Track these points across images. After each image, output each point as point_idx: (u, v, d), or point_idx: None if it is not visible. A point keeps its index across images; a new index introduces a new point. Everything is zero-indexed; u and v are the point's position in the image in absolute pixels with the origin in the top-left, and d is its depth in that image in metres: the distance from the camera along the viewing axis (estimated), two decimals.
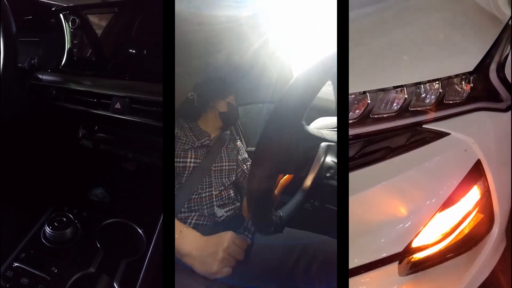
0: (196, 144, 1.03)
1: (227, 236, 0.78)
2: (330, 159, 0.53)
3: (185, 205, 0.93)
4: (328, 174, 0.52)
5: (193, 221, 0.91)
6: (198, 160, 1.00)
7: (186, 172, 0.96)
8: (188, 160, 0.98)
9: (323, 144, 0.54)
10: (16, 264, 0.73)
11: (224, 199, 1.02)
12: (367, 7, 0.72)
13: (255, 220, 0.53)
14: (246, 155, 1.23)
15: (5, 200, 0.85)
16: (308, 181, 0.53)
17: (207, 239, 0.78)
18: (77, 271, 0.73)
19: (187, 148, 1.00)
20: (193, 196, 0.94)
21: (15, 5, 0.79)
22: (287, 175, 0.67)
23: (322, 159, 0.52)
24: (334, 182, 0.52)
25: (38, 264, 0.73)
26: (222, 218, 0.95)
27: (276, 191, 0.66)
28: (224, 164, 1.09)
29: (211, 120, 1.14)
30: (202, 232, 0.83)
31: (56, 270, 0.72)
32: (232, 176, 1.11)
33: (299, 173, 0.55)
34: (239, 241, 0.79)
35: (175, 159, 0.96)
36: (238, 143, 1.25)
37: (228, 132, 1.23)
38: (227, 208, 1.00)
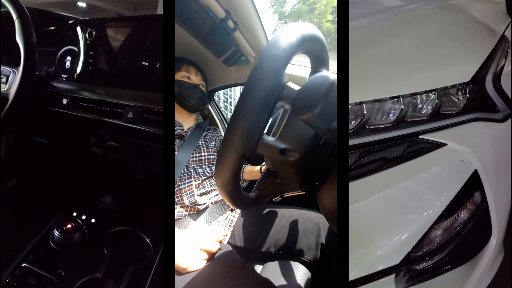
0: None
1: (198, 232, 0.76)
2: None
3: None
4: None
5: (175, 213, 0.87)
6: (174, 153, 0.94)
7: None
8: None
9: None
10: (24, 265, 0.72)
11: (206, 187, 0.95)
12: (363, 18, 0.70)
13: (227, 198, 0.48)
14: None
15: (17, 202, 0.84)
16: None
17: (178, 235, 0.74)
18: (84, 275, 0.72)
19: None
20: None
21: (36, 17, 0.82)
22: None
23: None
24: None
25: (45, 265, 0.73)
26: (205, 206, 0.90)
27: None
28: (203, 154, 1.01)
29: (178, 108, 1.04)
30: (186, 223, 0.82)
31: (63, 273, 0.72)
32: (212, 166, 1.03)
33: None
34: (213, 234, 0.77)
35: None
36: (216, 132, 1.15)
37: (208, 122, 1.14)
38: (211, 195, 0.94)
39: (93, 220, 0.86)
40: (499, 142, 0.59)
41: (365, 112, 0.56)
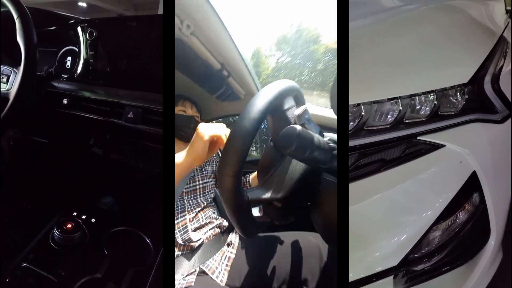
0: None
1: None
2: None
3: None
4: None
5: None
6: None
7: None
8: None
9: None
10: (24, 264, 0.72)
11: (200, 220, 0.90)
12: (362, 19, 0.69)
13: (236, 224, 0.51)
14: None
15: (17, 202, 0.83)
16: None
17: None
18: (84, 275, 0.72)
19: None
20: None
21: (37, 17, 0.82)
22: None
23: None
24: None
25: (45, 265, 0.72)
26: (199, 242, 0.84)
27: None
28: (197, 183, 0.96)
29: (176, 141, 1.03)
30: (179, 264, 0.78)
31: (63, 273, 0.71)
32: (209, 193, 1.00)
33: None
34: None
35: None
36: (211, 158, 1.11)
37: None
38: (205, 230, 0.89)
39: (93, 220, 0.86)
40: (497, 143, 0.59)
41: (363, 113, 0.56)
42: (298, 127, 0.47)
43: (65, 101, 0.93)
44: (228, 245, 0.90)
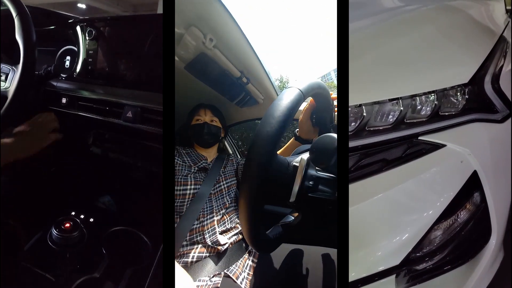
0: (193, 168, 0.97)
1: None
2: (311, 170, 0.51)
3: (187, 237, 0.86)
4: (311, 183, 0.49)
5: (196, 254, 0.83)
6: (198, 186, 0.93)
7: (187, 199, 0.90)
8: (188, 187, 0.92)
9: (304, 156, 0.52)
10: (22, 264, 0.70)
11: (226, 223, 0.94)
12: (362, 20, 0.69)
13: (250, 241, 0.52)
14: (243, 161, 1.14)
15: (15, 201, 0.82)
16: (293, 196, 0.50)
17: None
18: (82, 275, 0.70)
19: (185, 174, 0.94)
20: (195, 225, 0.87)
21: (36, 16, 0.81)
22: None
23: (304, 170, 0.50)
24: (318, 194, 0.49)
25: (43, 265, 0.71)
26: (225, 246, 0.87)
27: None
28: (222, 183, 1.02)
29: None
30: (206, 265, 0.81)
31: (61, 272, 0.70)
32: (232, 192, 1.04)
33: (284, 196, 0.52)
34: None
35: (175, 187, 0.91)
36: (231, 158, 1.17)
37: (225, 155, 1.17)
38: (230, 234, 0.92)
39: (91, 220, 0.84)
40: (498, 142, 0.58)
41: (364, 114, 0.55)
42: (336, 136, 0.46)
43: (64, 100, 0.92)
44: (249, 253, 0.92)
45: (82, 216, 0.84)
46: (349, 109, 0.55)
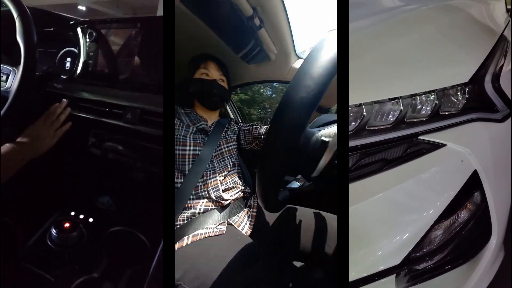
0: (192, 128, 0.94)
1: None
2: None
3: (193, 192, 0.88)
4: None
5: (202, 207, 0.87)
6: (199, 148, 0.92)
7: (187, 159, 0.91)
8: (187, 148, 0.91)
9: (334, 128, 0.49)
10: (21, 264, 0.71)
11: (228, 184, 0.96)
12: (362, 19, 0.69)
13: (263, 201, 0.52)
14: (245, 127, 1.12)
15: (15, 201, 0.82)
16: (317, 171, 0.48)
17: None
18: (81, 275, 0.71)
19: (183, 134, 0.92)
20: (199, 183, 0.89)
21: (37, 18, 0.82)
22: None
23: (335, 149, 0.46)
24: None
25: (43, 264, 0.71)
26: (228, 202, 0.92)
27: None
28: (222, 146, 1.01)
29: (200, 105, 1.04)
30: (213, 216, 0.87)
31: (60, 272, 0.71)
32: (233, 156, 1.04)
33: (305, 173, 0.51)
34: None
35: (175, 146, 0.90)
36: (232, 123, 1.13)
37: (227, 120, 1.11)
38: (233, 193, 0.96)
39: (91, 220, 0.84)
40: (498, 142, 0.58)
41: (364, 113, 0.55)
42: None
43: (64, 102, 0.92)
44: (249, 207, 0.99)
45: (81, 216, 0.85)
46: (350, 108, 0.55)
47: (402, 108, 0.56)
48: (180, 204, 0.84)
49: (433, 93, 0.57)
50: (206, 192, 0.89)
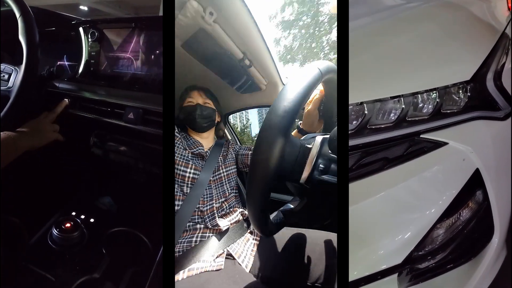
0: (188, 153, 0.96)
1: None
2: (325, 151, 0.50)
3: (190, 219, 0.87)
4: (322, 167, 0.49)
5: (200, 234, 0.85)
6: (198, 172, 0.94)
7: (185, 182, 0.91)
8: (188, 170, 0.92)
9: (318, 138, 0.51)
10: (22, 263, 0.71)
11: (225, 209, 0.95)
12: (363, 18, 0.68)
13: (255, 224, 0.51)
14: (243, 150, 1.13)
15: (16, 201, 0.82)
16: (303, 178, 0.49)
17: None
18: (82, 275, 0.70)
19: (185, 155, 0.94)
20: (196, 209, 0.88)
21: (39, 18, 0.81)
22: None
23: (318, 151, 0.49)
24: (328, 177, 0.48)
25: (44, 265, 0.71)
26: (225, 228, 0.89)
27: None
28: (221, 171, 1.01)
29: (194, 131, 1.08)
30: (212, 243, 0.83)
31: (61, 273, 0.70)
32: (232, 181, 1.04)
33: (293, 178, 0.51)
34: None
35: (176, 166, 0.92)
36: (230, 146, 1.14)
37: (223, 141, 1.14)
38: (230, 217, 0.93)
39: (92, 220, 0.84)
40: (500, 140, 0.58)
41: (366, 112, 0.55)
42: None
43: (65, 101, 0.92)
44: (251, 233, 0.95)
45: (82, 217, 0.84)
46: (351, 107, 0.55)
47: (403, 106, 0.55)
48: (179, 228, 0.83)
49: (434, 92, 0.56)
50: (202, 220, 0.88)
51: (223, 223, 0.88)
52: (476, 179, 0.56)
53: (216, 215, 0.90)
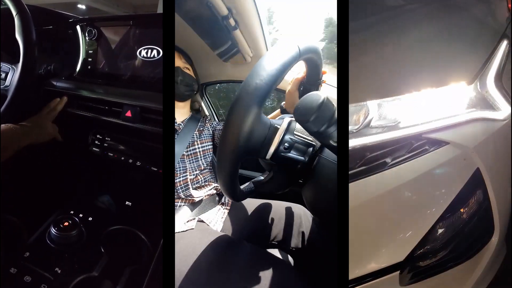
0: None
1: None
2: (290, 131, 0.54)
3: None
4: (286, 145, 0.53)
5: None
6: None
7: None
8: None
9: (287, 118, 0.55)
10: (20, 262, 0.70)
11: (200, 182, 0.95)
12: (364, 19, 0.69)
13: (225, 187, 0.55)
14: (221, 126, 1.10)
15: (14, 200, 0.81)
16: (269, 154, 0.54)
17: None
18: (80, 273, 0.70)
19: None
20: None
21: (36, 16, 0.81)
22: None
23: (283, 132, 0.53)
24: (291, 155, 0.54)
25: (42, 263, 0.70)
26: (199, 199, 0.91)
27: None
28: (196, 146, 0.99)
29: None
30: (183, 212, 0.85)
31: (59, 271, 0.69)
32: (208, 157, 1.02)
33: (262, 154, 0.55)
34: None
35: None
36: (208, 122, 1.11)
37: (200, 116, 1.09)
38: (205, 190, 0.94)
39: (90, 219, 0.84)
40: (501, 140, 0.58)
41: (368, 112, 0.55)
42: (323, 96, 0.44)
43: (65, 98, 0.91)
44: (222, 204, 0.98)
45: (81, 215, 0.84)
46: (354, 107, 0.55)
47: (404, 106, 0.56)
48: None
49: (435, 92, 0.56)
50: (174, 190, 0.88)
51: (197, 194, 0.90)
52: (477, 179, 0.56)
53: (190, 186, 0.90)
